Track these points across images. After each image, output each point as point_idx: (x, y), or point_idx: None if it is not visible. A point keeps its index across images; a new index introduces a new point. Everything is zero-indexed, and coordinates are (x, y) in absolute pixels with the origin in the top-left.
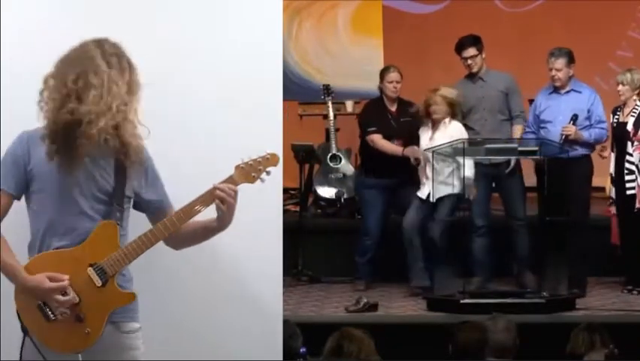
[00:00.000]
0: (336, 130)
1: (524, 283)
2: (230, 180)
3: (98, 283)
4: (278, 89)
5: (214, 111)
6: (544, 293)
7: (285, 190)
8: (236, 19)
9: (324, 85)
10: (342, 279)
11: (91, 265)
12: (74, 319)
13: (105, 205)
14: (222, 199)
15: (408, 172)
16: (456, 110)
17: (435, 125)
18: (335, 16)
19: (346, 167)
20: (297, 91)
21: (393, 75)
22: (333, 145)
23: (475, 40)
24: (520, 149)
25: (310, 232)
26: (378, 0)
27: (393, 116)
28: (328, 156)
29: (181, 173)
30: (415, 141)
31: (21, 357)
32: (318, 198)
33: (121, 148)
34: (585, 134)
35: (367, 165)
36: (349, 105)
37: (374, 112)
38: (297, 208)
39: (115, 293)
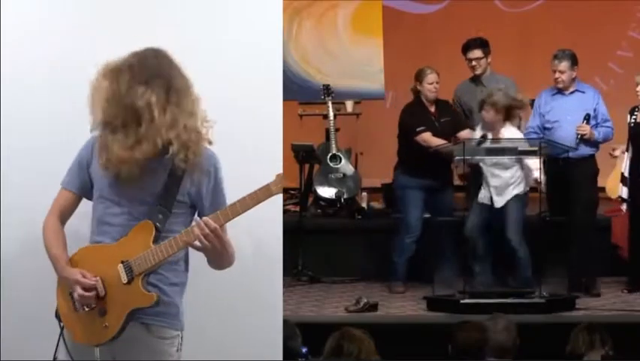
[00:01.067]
0: (336, 130)
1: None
2: (265, 189)
3: (124, 279)
4: (278, 89)
5: (214, 111)
6: (544, 293)
7: (285, 190)
8: (236, 19)
9: (324, 85)
10: (342, 279)
11: (122, 262)
12: (97, 312)
13: (148, 206)
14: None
15: (448, 174)
16: (513, 113)
17: (491, 128)
18: (335, 16)
19: (346, 167)
20: (297, 91)
21: (432, 77)
22: (333, 145)
23: (482, 43)
24: (520, 149)
25: (310, 232)
26: (378, 0)
27: (435, 117)
28: (328, 156)
29: None
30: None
31: (57, 348)
32: (318, 198)
33: (178, 153)
34: (595, 133)
35: (409, 165)
36: (349, 105)
37: (417, 113)
38: (297, 208)
39: (138, 292)
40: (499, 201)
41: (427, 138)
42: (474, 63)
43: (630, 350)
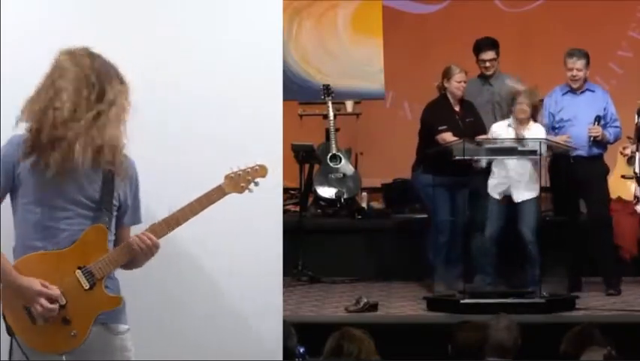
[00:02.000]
0: (336, 130)
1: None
2: (218, 189)
3: (86, 285)
4: (278, 89)
5: (214, 111)
6: (544, 293)
7: (285, 190)
8: (236, 19)
9: (324, 85)
10: (342, 279)
11: (79, 268)
12: (60, 321)
13: (92, 211)
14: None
15: (469, 173)
16: (537, 110)
17: (521, 124)
18: (335, 16)
19: (346, 167)
20: (297, 91)
21: (460, 75)
22: (333, 145)
23: (494, 44)
24: (520, 149)
25: (310, 232)
26: (378, 0)
27: (459, 116)
28: (328, 156)
29: (181, 173)
30: None
31: (10, 357)
32: (318, 198)
33: (108, 160)
34: (606, 134)
35: (430, 163)
36: (349, 105)
37: (441, 111)
38: (297, 208)
39: (102, 296)
40: (519, 197)
41: (448, 138)
42: (487, 64)
43: (630, 350)
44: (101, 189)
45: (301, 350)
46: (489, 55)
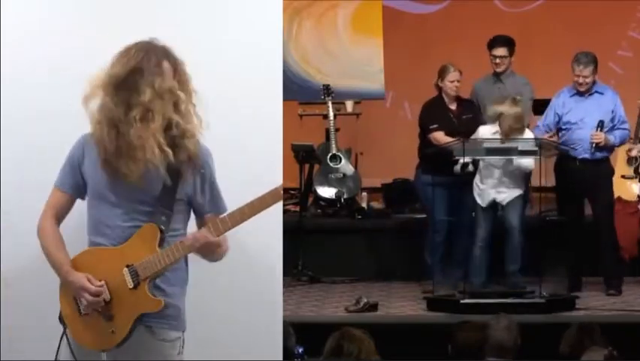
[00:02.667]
0: (336, 130)
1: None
2: (276, 192)
3: (130, 284)
4: (278, 89)
5: (214, 111)
6: (544, 293)
7: (285, 190)
8: (236, 19)
9: (324, 85)
10: (342, 279)
11: (127, 266)
12: (104, 317)
13: (149, 208)
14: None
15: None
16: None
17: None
18: (335, 16)
19: (346, 167)
20: (297, 91)
21: (454, 74)
22: (333, 145)
23: (508, 41)
24: (520, 149)
25: (310, 231)
26: (378, 0)
27: (454, 114)
28: (328, 156)
29: None
30: None
31: (56, 357)
32: (318, 198)
33: (175, 152)
34: (611, 138)
35: (430, 163)
36: (349, 105)
37: (435, 110)
38: (297, 208)
39: (144, 297)
40: (504, 199)
41: (439, 137)
42: (497, 61)
43: (630, 350)
44: (163, 186)
45: (300, 350)
46: (500, 52)
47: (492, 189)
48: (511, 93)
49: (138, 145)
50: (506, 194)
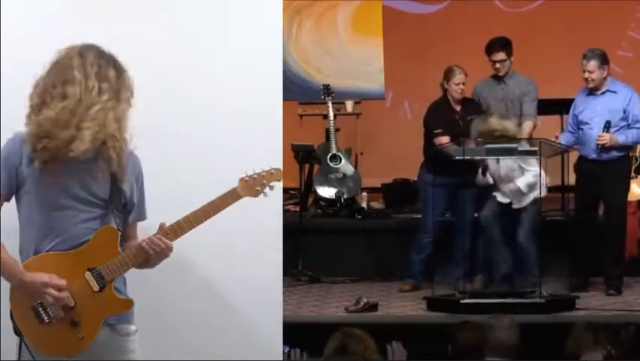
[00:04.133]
0: (336, 130)
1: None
2: (233, 192)
3: (95, 288)
4: (278, 89)
5: (214, 111)
6: (544, 293)
7: (285, 190)
8: (236, 20)
9: (324, 85)
10: (342, 279)
11: (89, 270)
12: (69, 323)
13: (101, 210)
14: (153, 252)
15: (470, 172)
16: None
17: None
18: (335, 16)
19: (346, 167)
20: (297, 91)
21: (459, 77)
22: (333, 145)
23: (505, 44)
24: (520, 149)
25: (310, 231)
26: (378, 0)
27: (460, 116)
28: (328, 156)
29: (181, 173)
30: None
31: (19, 358)
32: (318, 198)
33: (110, 156)
34: (621, 138)
35: (432, 163)
36: (349, 105)
37: (440, 113)
38: (297, 208)
39: (112, 299)
40: (520, 204)
41: (444, 141)
42: (498, 65)
43: (630, 350)
44: (110, 189)
45: (286, 349)
46: (499, 56)
47: (506, 195)
48: (515, 93)
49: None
50: (522, 200)
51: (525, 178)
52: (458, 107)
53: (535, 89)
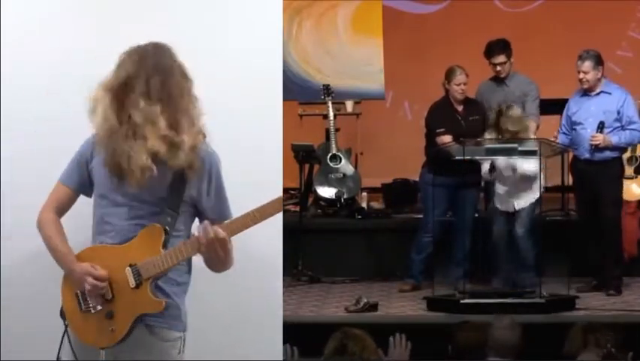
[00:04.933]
0: (336, 130)
1: (524, 284)
2: (277, 202)
3: (132, 284)
4: (278, 89)
5: (214, 111)
6: (544, 293)
7: (285, 190)
8: (236, 20)
9: (323, 85)
10: (342, 279)
11: (130, 266)
12: (104, 314)
13: (155, 209)
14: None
15: (472, 172)
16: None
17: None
18: (335, 16)
19: (346, 167)
20: (297, 91)
21: (460, 77)
22: (333, 145)
23: (504, 46)
24: (520, 149)
25: (310, 232)
26: (378, 0)
27: (462, 116)
28: (328, 156)
29: None
30: None
31: (58, 355)
32: (318, 198)
33: (179, 154)
34: (614, 139)
35: (433, 163)
36: (349, 105)
37: (442, 113)
38: (297, 208)
39: (145, 298)
40: (519, 205)
41: (446, 141)
42: (499, 68)
43: (630, 350)
44: (169, 188)
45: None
46: (499, 59)
47: (507, 195)
48: (516, 94)
49: (129, 158)
50: (522, 200)
51: (528, 165)
52: (460, 108)
53: (536, 89)
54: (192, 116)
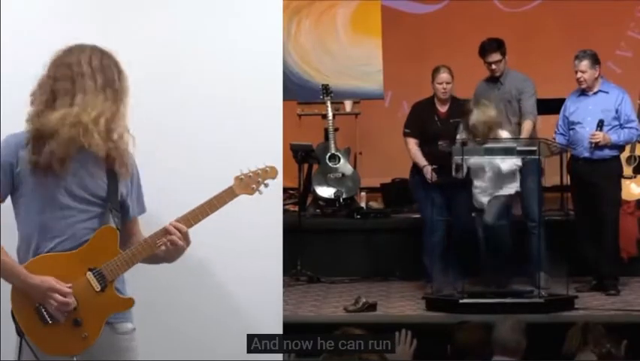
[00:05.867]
0: (335, 130)
1: (537, 284)
2: (229, 191)
3: (97, 288)
4: (278, 89)
5: (214, 111)
6: (544, 293)
7: (284, 190)
8: (236, 20)
9: (323, 85)
10: (341, 279)
11: (90, 270)
12: (71, 323)
13: (100, 209)
14: (171, 241)
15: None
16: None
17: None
18: (334, 16)
19: (345, 167)
20: (296, 91)
21: (443, 76)
22: (332, 145)
23: (498, 45)
24: (519, 149)
25: (309, 231)
26: (377, 0)
27: (440, 117)
28: (327, 156)
29: (181, 173)
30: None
31: (19, 357)
32: (317, 198)
33: (109, 154)
34: (614, 137)
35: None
36: (348, 105)
37: (418, 113)
38: (296, 208)
39: (113, 298)
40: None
41: (409, 143)
42: (494, 67)
43: (630, 350)
44: (107, 187)
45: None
46: (494, 57)
47: (481, 192)
48: (512, 92)
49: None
50: (493, 196)
51: (507, 163)
52: (444, 108)
53: (532, 85)
54: (126, 118)
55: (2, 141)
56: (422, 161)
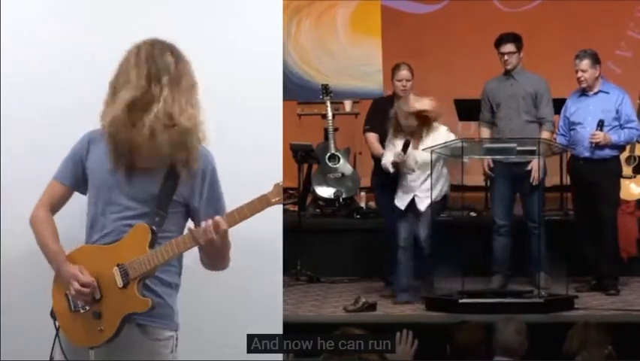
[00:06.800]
0: (335, 130)
1: (537, 284)
2: (264, 198)
3: (120, 284)
4: (278, 89)
5: (214, 111)
6: (543, 293)
7: (284, 190)
8: (236, 20)
9: (322, 85)
10: (341, 278)
11: (118, 265)
12: (92, 314)
13: (145, 208)
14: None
15: None
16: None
17: (414, 135)
18: (334, 16)
19: (345, 167)
20: (296, 91)
21: (402, 73)
22: (332, 145)
23: (515, 38)
24: (519, 148)
25: (309, 231)
26: (377, 0)
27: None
28: (327, 156)
29: None
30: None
31: (53, 348)
32: (317, 197)
33: (176, 153)
34: (614, 137)
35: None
36: (348, 105)
37: (377, 109)
38: (296, 208)
39: (132, 297)
40: (421, 206)
41: (368, 138)
42: (506, 57)
43: (630, 350)
44: (161, 187)
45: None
46: (507, 48)
47: (407, 193)
48: (527, 90)
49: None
50: (424, 199)
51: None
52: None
53: (547, 88)
54: (196, 115)
55: (80, 138)
56: (380, 153)
